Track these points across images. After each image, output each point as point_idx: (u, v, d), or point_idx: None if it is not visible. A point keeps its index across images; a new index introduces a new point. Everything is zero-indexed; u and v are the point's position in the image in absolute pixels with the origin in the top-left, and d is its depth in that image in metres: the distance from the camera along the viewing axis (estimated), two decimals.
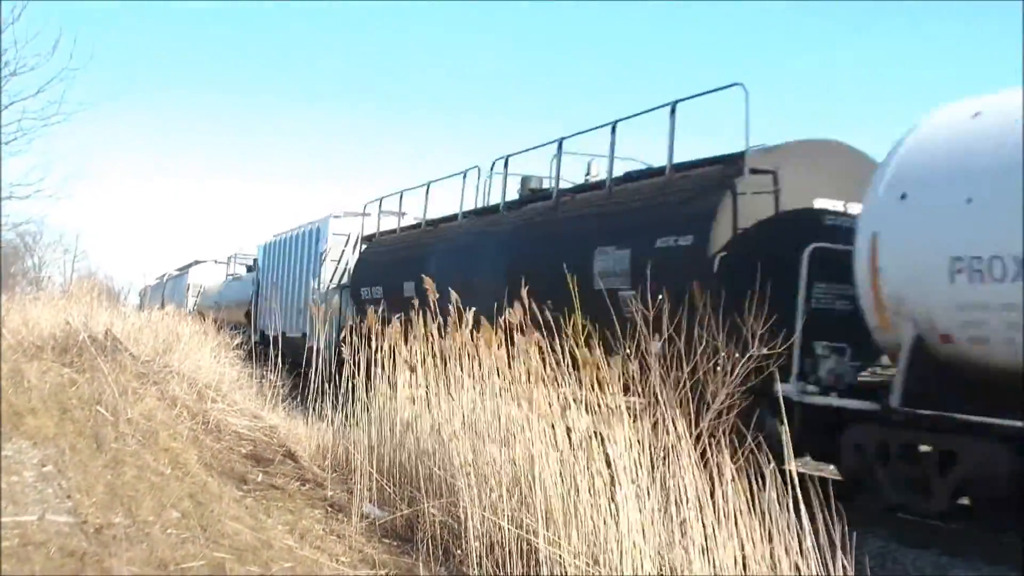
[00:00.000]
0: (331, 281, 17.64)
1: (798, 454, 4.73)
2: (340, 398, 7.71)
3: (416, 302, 6.85)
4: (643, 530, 4.20)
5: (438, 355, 6.50)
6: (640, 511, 4.22)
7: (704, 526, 4.06)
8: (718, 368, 5.18)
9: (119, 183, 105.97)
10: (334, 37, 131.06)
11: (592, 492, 4.50)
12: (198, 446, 7.03)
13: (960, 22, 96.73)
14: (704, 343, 5.39)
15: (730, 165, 8.31)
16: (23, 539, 4.32)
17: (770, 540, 3.92)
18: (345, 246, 17.86)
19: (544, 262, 9.18)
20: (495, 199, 12.52)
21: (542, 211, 10.95)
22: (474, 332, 6.01)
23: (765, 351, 5.78)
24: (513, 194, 12.28)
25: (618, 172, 9.94)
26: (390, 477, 6.44)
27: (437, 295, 6.38)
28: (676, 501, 4.23)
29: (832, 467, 9.24)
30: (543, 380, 5.09)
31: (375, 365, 7.31)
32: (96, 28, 63.79)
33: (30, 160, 41.91)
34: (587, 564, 4.31)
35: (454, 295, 6.09)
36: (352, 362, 7.41)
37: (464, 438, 5.60)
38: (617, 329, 5.47)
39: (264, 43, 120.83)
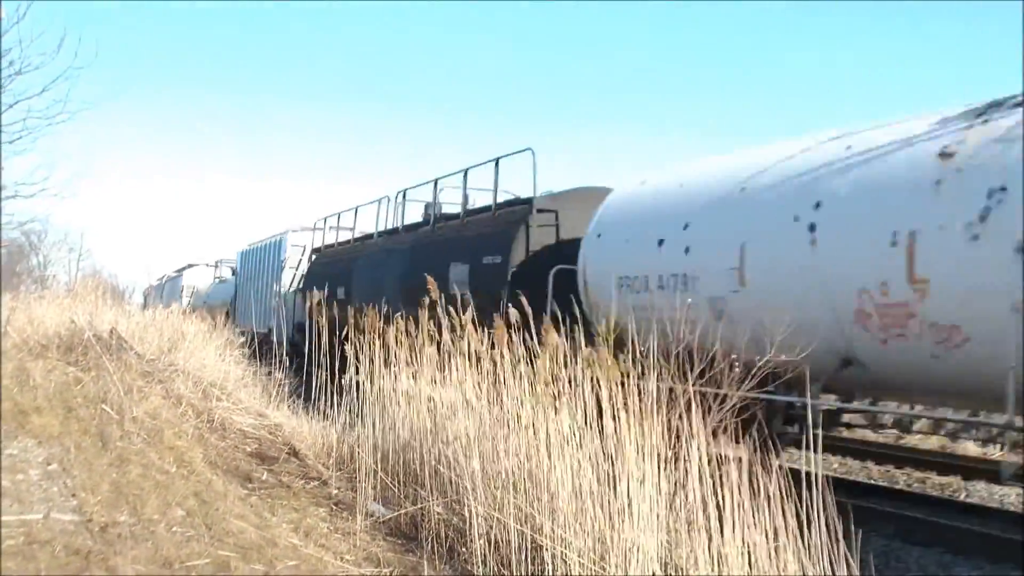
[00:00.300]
0: (290, 285, 20.78)
1: None
2: (344, 395, 7.72)
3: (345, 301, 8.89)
4: (652, 527, 4.19)
5: (439, 355, 6.53)
6: (648, 508, 4.22)
7: (710, 521, 4.06)
8: None
9: (122, 181, 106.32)
10: (334, 37, 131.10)
11: (600, 490, 4.50)
12: (203, 444, 7.04)
13: (960, 22, 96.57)
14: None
15: (527, 206, 11.57)
16: (28, 537, 4.33)
17: (776, 538, 3.92)
18: (301, 256, 21.15)
19: (423, 271, 12.05)
20: (411, 217, 16.03)
21: (425, 234, 14.47)
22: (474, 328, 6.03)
23: None
24: (416, 216, 15.75)
25: (484, 203, 13.17)
26: (395, 475, 6.44)
27: (439, 294, 6.73)
28: (683, 498, 4.23)
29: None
30: (552, 378, 5.10)
31: (377, 362, 7.32)
32: (98, 27, 63.83)
33: (35, 159, 41.91)
34: (592, 562, 4.30)
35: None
36: (354, 360, 7.43)
37: (471, 437, 5.60)
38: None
39: (264, 43, 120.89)
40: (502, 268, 11.06)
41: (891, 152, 6.79)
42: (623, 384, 4.69)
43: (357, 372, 7.48)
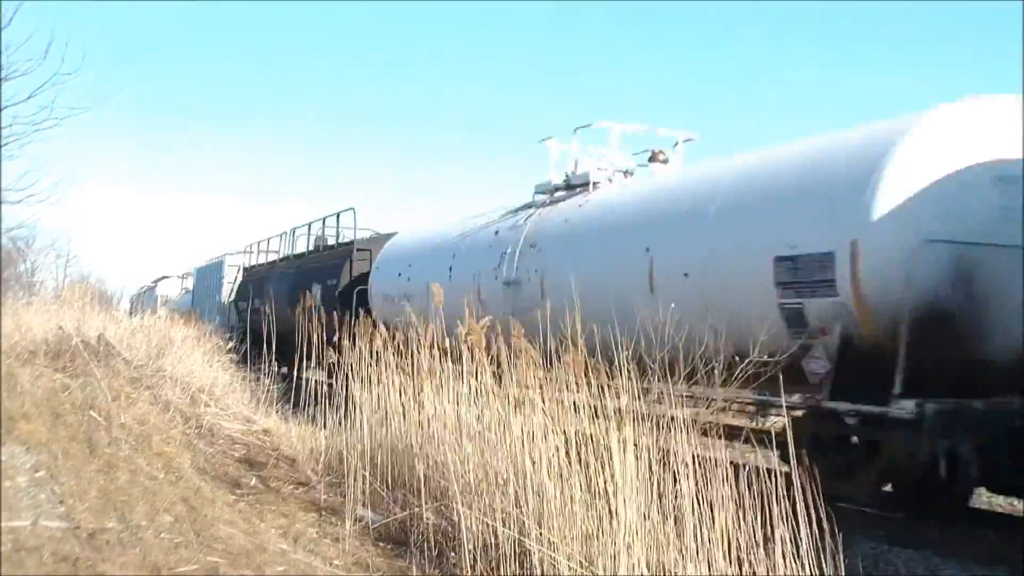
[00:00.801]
0: (229, 297, 26.26)
1: None
2: (332, 400, 7.72)
3: (264, 309, 12.57)
4: (638, 530, 4.20)
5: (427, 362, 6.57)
6: (636, 511, 4.23)
7: (699, 525, 4.07)
8: None
9: (111, 187, 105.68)
10: (325, 42, 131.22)
11: (587, 493, 4.51)
12: (191, 450, 7.02)
13: (960, 22, 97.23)
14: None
15: (352, 246, 16.86)
16: (16, 544, 4.31)
17: (764, 541, 3.93)
18: (237, 273, 26.35)
19: (301, 288, 16.23)
20: (302, 246, 21.16)
21: (305, 261, 19.75)
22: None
23: None
24: (306, 246, 20.69)
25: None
26: (384, 480, 6.43)
27: (442, 301, 7.07)
28: (671, 501, 4.24)
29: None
30: (539, 384, 5.11)
31: (365, 366, 7.33)
32: (92, 28, 63.46)
33: (22, 165, 41.59)
34: (581, 565, 4.31)
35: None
36: (344, 362, 7.43)
37: (460, 442, 5.60)
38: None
39: (256, 52, 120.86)
40: (335, 288, 16.25)
41: (483, 228, 12.36)
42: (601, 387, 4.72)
43: (332, 376, 7.54)
